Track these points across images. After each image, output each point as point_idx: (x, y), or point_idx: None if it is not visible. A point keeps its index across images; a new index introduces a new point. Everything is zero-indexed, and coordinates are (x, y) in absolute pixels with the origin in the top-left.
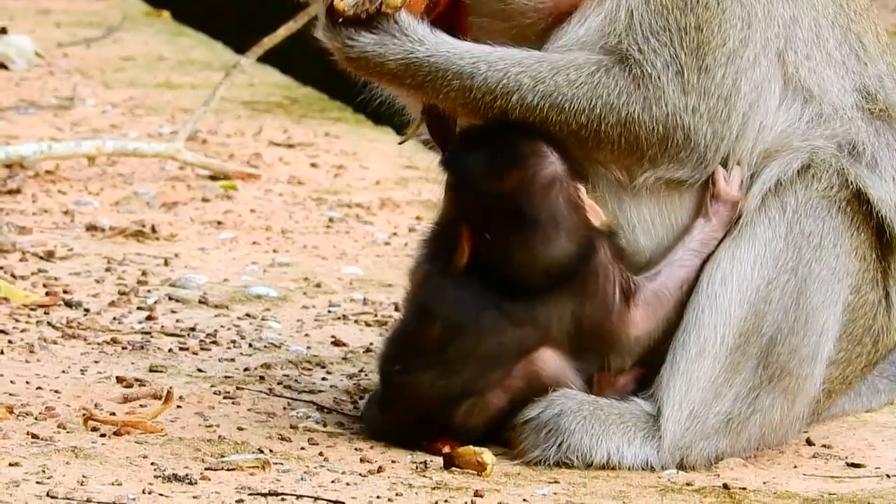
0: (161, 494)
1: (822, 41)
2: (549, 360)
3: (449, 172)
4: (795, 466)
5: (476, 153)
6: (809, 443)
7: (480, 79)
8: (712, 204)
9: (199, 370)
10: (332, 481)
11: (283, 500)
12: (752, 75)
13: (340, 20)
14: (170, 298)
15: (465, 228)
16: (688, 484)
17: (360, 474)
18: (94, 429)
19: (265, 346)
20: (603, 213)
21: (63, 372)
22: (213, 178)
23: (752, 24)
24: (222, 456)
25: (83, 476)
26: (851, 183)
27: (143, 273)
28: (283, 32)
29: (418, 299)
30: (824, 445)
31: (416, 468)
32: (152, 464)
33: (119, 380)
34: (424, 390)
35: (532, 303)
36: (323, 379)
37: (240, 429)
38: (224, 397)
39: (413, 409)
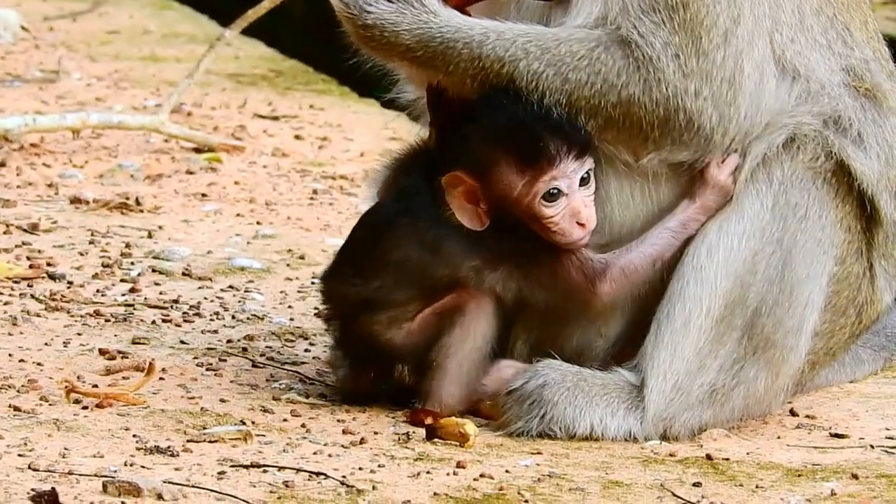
0: (143, 466)
1: (807, 27)
2: (474, 304)
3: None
4: (779, 437)
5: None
6: (793, 413)
7: (489, 47)
8: (699, 187)
9: (182, 342)
10: (315, 453)
11: (264, 471)
12: (752, 55)
13: None
14: (153, 271)
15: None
16: (671, 455)
17: (342, 446)
18: (77, 401)
19: (248, 318)
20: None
21: (46, 344)
22: (198, 150)
23: None
24: (204, 428)
25: (65, 448)
26: (835, 154)
27: (127, 245)
28: (267, 5)
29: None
30: (808, 416)
31: (399, 439)
32: (134, 436)
33: (102, 352)
34: (344, 289)
35: (472, 247)
36: (306, 350)
37: (222, 401)
38: (207, 369)
39: (339, 313)
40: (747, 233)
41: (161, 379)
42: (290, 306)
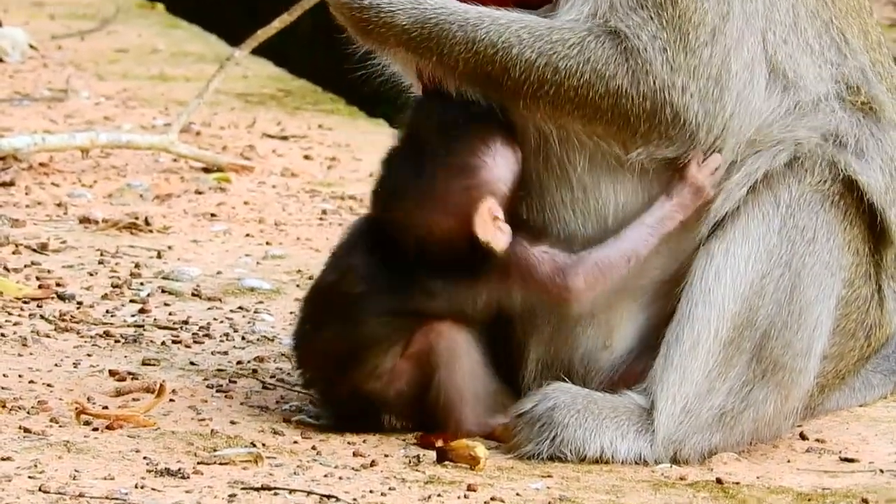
0: (153, 489)
1: (800, 29)
2: (445, 333)
3: (409, 108)
4: (789, 461)
5: (445, 107)
6: (803, 437)
7: (483, 31)
8: (677, 185)
9: (192, 363)
10: (325, 475)
11: (275, 494)
12: (740, 54)
13: None
14: (163, 291)
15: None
16: (681, 478)
17: (352, 468)
18: (87, 423)
19: (258, 339)
20: (503, 243)
21: (56, 365)
22: (207, 170)
23: None
24: (215, 450)
25: (75, 470)
26: (842, 171)
27: (137, 265)
28: (277, 25)
29: (331, 255)
30: (818, 440)
31: (409, 462)
32: (145, 458)
33: (112, 373)
34: (322, 343)
35: (434, 277)
36: None
37: (232, 422)
38: (217, 391)
39: (316, 365)
40: (755, 255)
41: (171, 400)
42: None
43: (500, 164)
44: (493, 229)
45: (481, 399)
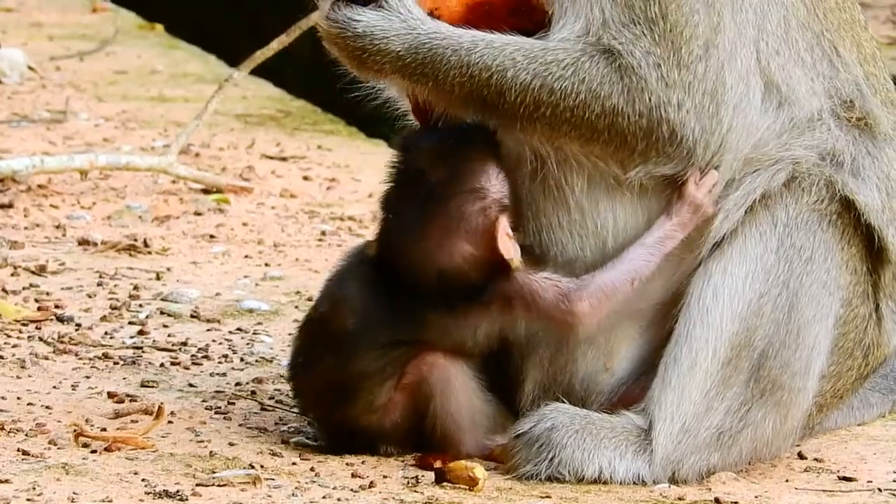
0: None
1: (792, 41)
2: (438, 364)
3: (397, 147)
4: (787, 480)
5: (431, 138)
6: (801, 456)
7: (477, 55)
8: (676, 204)
9: (191, 385)
10: (324, 497)
11: None
12: (734, 67)
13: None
14: (161, 313)
15: (382, 211)
16: (680, 498)
17: (351, 489)
18: (85, 445)
19: (257, 361)
20: (517, 255)
21: (54, 387)
22: (206, 191)
23: (715, 4)
24: (213, 472)
25: (74, 493)
26: (839, 192)
27: (135, 287)
28: (275, 46)
29: (325, 286)
30: (816, 459)
31: (408, 483)
32: (143, 480)
33: (110, 395)
34: (315, 377)
35: (434, 309)
36: None
37: (231, 444)
38: (215, 412)
39: (311, 398)
40: (753, 275)
41: (170, 422)
42: None
43: (500, 181)
44: (512, 245)
45: (479, 424)
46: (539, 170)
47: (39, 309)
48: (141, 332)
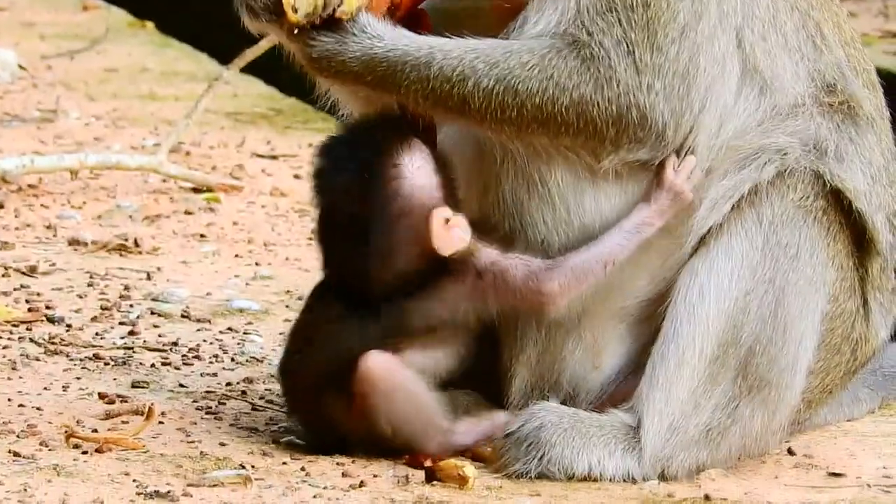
0: None
1: (780, 24)
2: (375, 365)
3: (316, 156)
4: (776, 477)
5: (342, 149)
6: (791, 453)
7: (436, 68)
8: (655, 190)
9: (182, 385)
10: (314, 496)
11: None
12: (710, 50)
13: (296, 31)
14: (152, 313)
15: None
16: (669, 495)
17: (341, 489)
18: (76, 446)
19: (247, 361)
20: (466, 238)
21: (45, 388)
22: (196, 190)
23: None
24: (204, 472)
25: (65, 494)
26: (828, 183)
27: (126, 287)
28: (265, 44)
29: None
30: (805, 455)
31: (398, 482)
32: (134, 481)
33: (101, 396)
34: (293, 376)
35: (406, 301)
36: None
37: (222, 444)
38: (206, 412)
39: (298, 402)
40: (738, 273)
41: (160, 423)
42: None
43: (421, 173)
44: (449, 236)
45: (433, 419)
46: (513, 163)
47: (30, 310)
48: (131, 333)
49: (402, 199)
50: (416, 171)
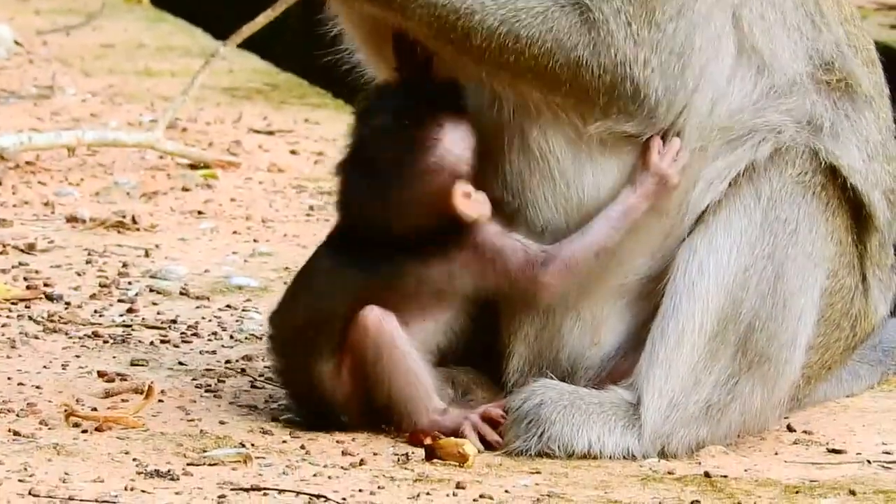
0: (143, 491)
1: (778, 2)
2: (375, 319)
3: (358, 109)
4: (776, 453)
5: (391, 101)
6: (790, 429)
7: None
8: (640, 173)
9: (181, 363)
10: (314, 475)
11: (265, 494)
12: (706, 30)
13: None
14: (151, 290)
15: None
16: (669, 472)
17: (341, 467)
18: (76, 425)
19: (246, 338)
20: (486, 210)
21: (44, 367)
22: (193, 166)
23: None
24: (204, 451)
25: (65, 473)
26: (823, 160)
27: (124, 265)
28: (262, 20)
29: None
30: (805, 431)
31: (398, 460)
32: (134, 460)
33: (100, 374)
34: (282, 321)
35: (408, 259)
36: None
37: (221, 423)
38: (206, 391)
39: (279, 354)
40: (738, 248)
41: (160, 401)
42: None
43: (459, 142)
44: (470, 204)
45: (425, 390)
46: (517, 135)
47: (28, 288)
48: (130, 311)
49: (434, 159)
50: (455, 139)
